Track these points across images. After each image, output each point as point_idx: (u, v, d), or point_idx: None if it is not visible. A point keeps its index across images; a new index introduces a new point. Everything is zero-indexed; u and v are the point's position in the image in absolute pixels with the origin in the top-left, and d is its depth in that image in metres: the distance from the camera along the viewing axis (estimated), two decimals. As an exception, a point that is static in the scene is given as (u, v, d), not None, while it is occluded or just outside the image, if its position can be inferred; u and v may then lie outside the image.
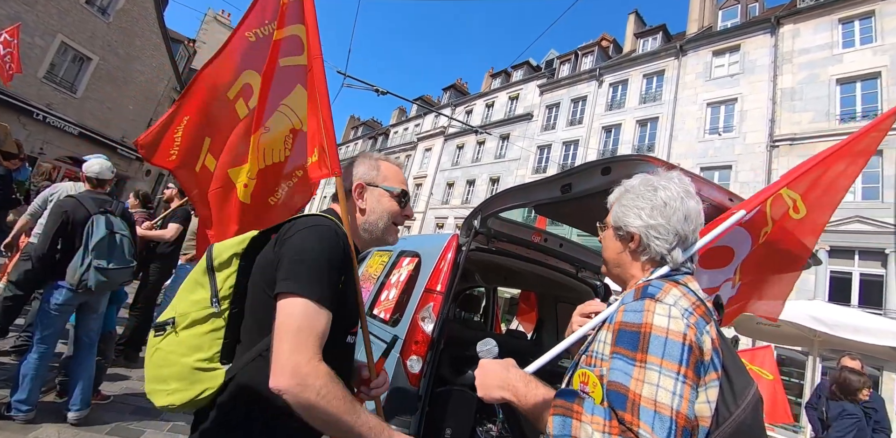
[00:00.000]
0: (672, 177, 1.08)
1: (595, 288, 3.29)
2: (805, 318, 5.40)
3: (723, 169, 14.85)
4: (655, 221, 1.01)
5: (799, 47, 14.35)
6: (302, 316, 0.90)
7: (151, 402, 1.02)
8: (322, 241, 1.00)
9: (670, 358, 0.79)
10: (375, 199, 1.23)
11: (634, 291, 0.94)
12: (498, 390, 0.92)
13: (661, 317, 0.83)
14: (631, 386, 0.79)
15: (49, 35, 13.28)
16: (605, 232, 1.14)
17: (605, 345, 0.92)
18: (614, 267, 1.11)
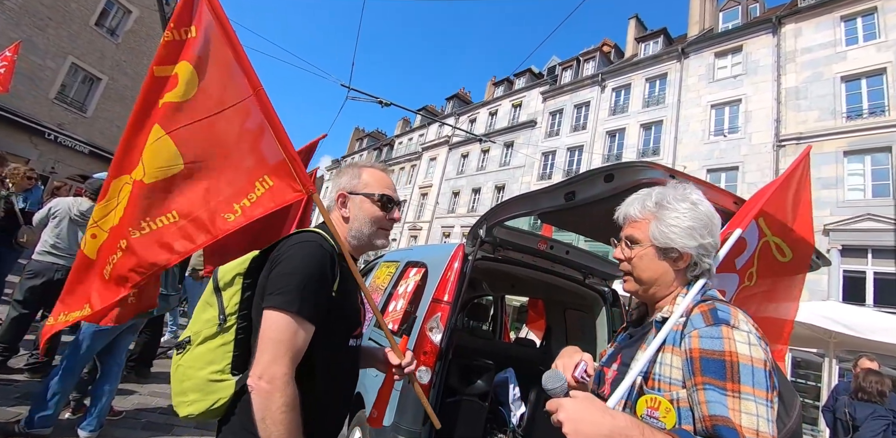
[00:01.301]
0: (695, 188, 1.08)
1: (603, 295, 3.27)
2: (819, 319, 5.31)
3: (729, 170, 14.74)
4: (706, 240, 1.01)
5: (802, 46, 14.31)
6: (282, 329, 0.99)
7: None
8: (305, 258, 1.08)
9: (760, 386, 0.81)
10: (357, 206, 1.28)
11: (702, 315, 0.93)
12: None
13: (742, 345, 0.85)
14: (732, 418, 0.79)
15: (60, 57, 13.61)
16: (643, 252, 1.07)
17: (674, 369, 0.92)
18: (652, 285, 1.08)
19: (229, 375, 1.10)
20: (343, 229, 1.28)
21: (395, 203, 1.31)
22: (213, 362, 1.10)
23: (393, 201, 1.30)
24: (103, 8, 14.71)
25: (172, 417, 3.55)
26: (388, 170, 1.38)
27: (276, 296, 1.02)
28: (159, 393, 4.02)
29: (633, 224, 1.11)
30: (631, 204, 1.14)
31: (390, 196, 1.30)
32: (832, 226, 11.49)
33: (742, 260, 2.01)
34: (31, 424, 2.64)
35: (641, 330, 1.15)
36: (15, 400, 3.14)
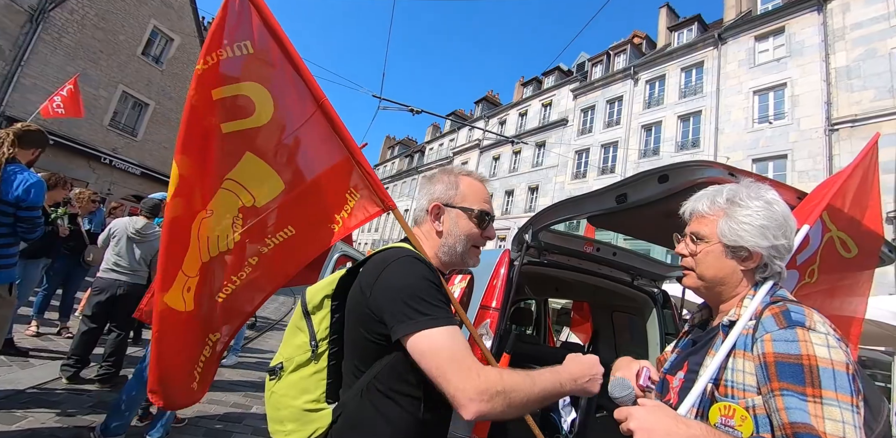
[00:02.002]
0: (770, 188, 1.04)
1: (653, 296, 3.14)
2: (886, 315, 4.93)
3: (777, 158, 13.96)
4: (779, 242, 0.98)
5: (851, 22, 13.40)
6: (445, 346, 0.90)
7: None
8: (414, 272, 1.00)
9: (843, 391, 0.77)
10: (453, 221, 1.17)
11: (774, 317, 0.89)
12: None
13: (821, 348, 0.81)
14: (814, 424, 0.75)
15: (111, 86, 14.61)
16: (710, 248, 1.04)
17: (747, 375, 0.88)
18: (717, 285, 1.04)
19: (325, 404, 1.07)
20: (433, 243, 1.19)
21: (491, 218, 1.22)
22: (307, 390, 1.08)
23: (490, 217, 1.21)
24: (148, 38, 15.68)
25: (230, 424, 3.69)
26: (485, 181, 1.28)
27: (412, 322, 0.92)
28: (216, 401, 4.19)
29: (701, 219, 1.08)
30: (699, 199, 1.10)
31: (488, 212, 1.20)
32: (894, 214, 10.64)
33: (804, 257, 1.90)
34: (106, 431, 2.80)
35: (706, 334, 1.10)
36: (88, 409, 3.35)
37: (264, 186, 1.45)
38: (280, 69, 1.39)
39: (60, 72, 12.59)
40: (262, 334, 8.39)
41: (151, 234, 4.19)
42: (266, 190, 1.46)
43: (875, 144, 2.03)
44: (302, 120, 1.40)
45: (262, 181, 1.45)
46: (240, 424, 3.75)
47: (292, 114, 1.41)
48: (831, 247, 1.92)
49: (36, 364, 4.05)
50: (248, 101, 1.39)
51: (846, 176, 1.87)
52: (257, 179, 1.44)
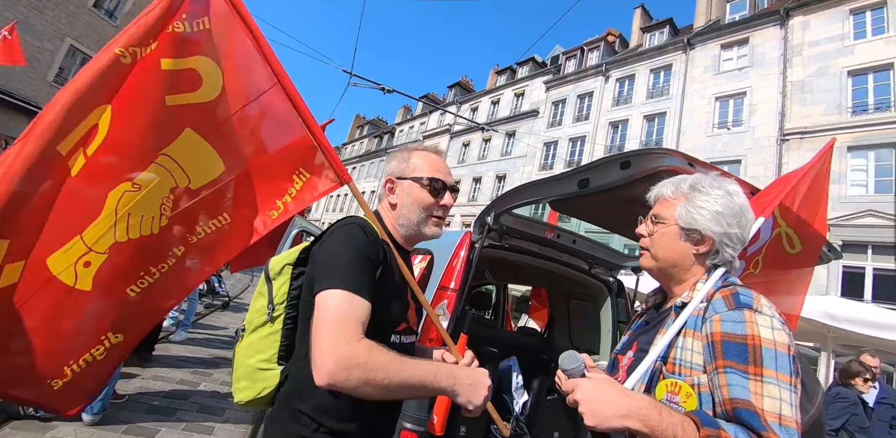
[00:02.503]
0: (735, 182, 1.08)
1: (608, 285, 3.25)
2: (818, 314, 5.32)
3: (732, 163, 14.67)
4: (733, 230, 1.01)
5: (809, 39, 14.13)
6: (337, 307, 0.91)
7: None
8: (347, 239, 1.03)
9: (784, 371, 0.81)
10: (405, 192, 1.19)
11: (724, 299, 0.92)
12: (621, 420, 0.79)
13: (766, 329, 0.84)
14: (754, 401, 0.79)
15: (57, 39, 13.40)
16: (666, 229, 1.07)
17: (694, 354, 0.91)
18: (669, 266, 1.07)
19: (275, 365, 1.12)
20: (391, 217, 1.21)
21: (447, 187, 1.20)
22: (261, 351, 1.13)
23: (445, 185, 1.20)
24: (101, -12, 14.45)
25: (175, 401, 3.58)
26: (441, 153, 1.28)
27: (324, 279, 0.96)
28: (161, 377, 4.04)
29: (663, 202, 1.12)
30: (665, 185, 1.14)
31: (441, 179, 1.19)
32: (833, 222, 11.48)
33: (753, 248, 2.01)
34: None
35: (659, 316, 1.14)
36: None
37: (202, 167, 1.36)
38: (238, 45, 1.33)
39: (-2, 18, 11.42)
40: (214, 311, 8.13)
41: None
42: (203, 171, 1.36)
43: (830, 149, 2.15)
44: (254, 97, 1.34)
45: (200, 161, 1.35)
46: (185, 401, 3.64)
47: (243, 93, 1.35)
48: (778, 242, 2.04)
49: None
50: (196, 76, 1.32)
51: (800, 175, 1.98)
52: (195, 158, 1.35)
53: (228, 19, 1.33)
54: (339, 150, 47.48)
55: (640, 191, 1.23)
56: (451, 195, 1.22)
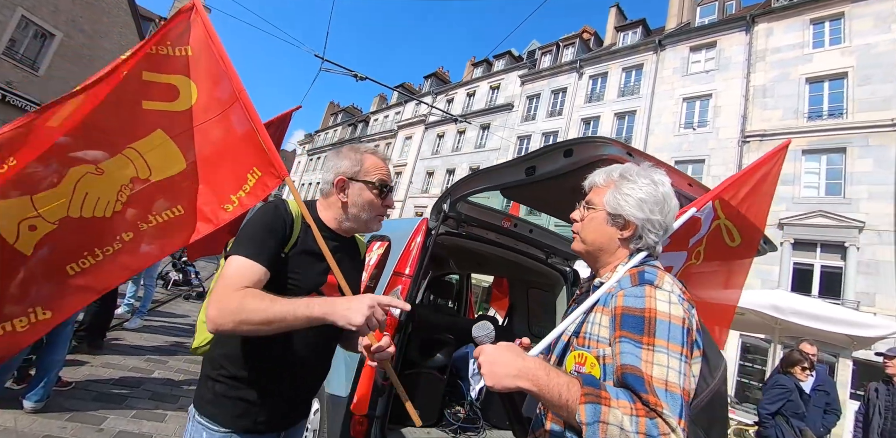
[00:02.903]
0: (663, 173, 1.14)
1: (564, 274, 3.35)
2: (767, 307, 5.63)
3: (696, 162, 15.21)
4: (655, 216, 1.06)
5: (772, 46, 14.69)
6: (232, 269, 1.09)
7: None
8: (259, 216, 1.20)
9: (675, 341, 0.86)
10: (357, 193, 1.31)
11: (630, 277, 0.99)
12: (513, 379, 0.86)
13: (662, 303, 0.90)
14: (643, 368, 0.84)
15: (8, 9, 12.55)
16: (595, 214, 1.14)
17: (602, 328, 0.98)
18: (596, 249, 1.14)
19: None
20: (336, 212, 1.34)
21: (390, 189, 1.36)
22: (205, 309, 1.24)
23: (389, 188, 1.36)
24: (56, -43, 13.58)
25: (126, 388, 3.48)
26: (388, 160, 1.43)
27: (233, 247, 1.14)
28: (112, 365, 3.92)
29: (596, 189, 1.18)
30: (598, 173, 1.20)
31: (387, 183, 1.35)
32: (786, 221, 12.10)
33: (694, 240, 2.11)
34: None
35: (584, 297, 1.20)
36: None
37: (166, 163, 1.59)
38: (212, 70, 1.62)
39: (-62, -18, 10.59)
40: (175, 298, 7.90)
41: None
42: (167, 166, 1.60)
43: (783, 149, 2.25)
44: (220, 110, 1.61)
45: (165, 157, 1.59)
46: (137, 388, 3.54)
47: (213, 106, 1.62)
48: (718, 234, 2.14)
49: None
50: (174, 90, 1.62)
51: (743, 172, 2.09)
52: (160, 155, 1.59)
53: (205, 45, 1.63)
54: (312, 138, 46.50)
55: (581, 179, 1.28)
56: (391, 195, 1.39)
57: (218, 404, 1.16)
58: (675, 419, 0.79)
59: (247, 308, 1.00)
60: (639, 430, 0.77)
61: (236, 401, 1.15)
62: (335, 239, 1.33)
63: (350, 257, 1.40)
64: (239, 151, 1.58)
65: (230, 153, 1.60)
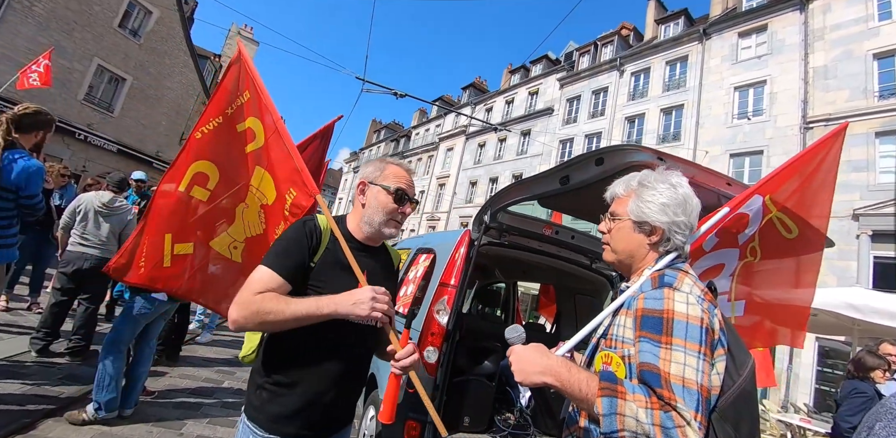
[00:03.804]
0: (680, 174, 1.17)
1: (610, 279, 3.30)
2: (841, 306, 5.18)
3: (754, 154, 14.30)
4: (679, 218, 1.10)
5: (831, 23, 13.65)
6: (255, 276, 1.21)
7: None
8: (287, 231, 1.33)
9: (693, 340, 0.90)
10: (373, 196, 1.38)
11: (651, 280, 1.04)
12: (539, 376, 0.95)
13: (680, 304, 0.94)
14: (661, 366, 0.88)
15: (86, 59, 14.10)
16: (621, 224, 1.18)
17: (626, 329, 1.02)
18: (627, 257, 1.18)
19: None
20: (358, 215, 1.41)
21: (409, 199, 1.40)
22: None
23: (407, 196, 1.40)
24: (126, 10, 15.11)
25: (201, 397, 3.79)
26: (411, 171, 1.50)
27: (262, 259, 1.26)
28: (188, 376, 4.27)
29: (618, 200, 1.22)
30: (617, 184, 1.24)
31: (406, 191, 1.40)
32: (861, 211, 11.05)
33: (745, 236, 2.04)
34: (100, 410, 2.86)
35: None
36: (58, 381, 3.40)
37: (269, 190, 1.94)
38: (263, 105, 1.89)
39: (31, 42, 12.11)
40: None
41: (120, 208, 4.17)
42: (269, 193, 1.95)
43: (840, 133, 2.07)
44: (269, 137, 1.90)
45: (268, 186, 1.93)
46: (210, 398, 3.84)
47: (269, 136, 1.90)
48: (771, 228, 2.05)
49: (5, 337, 4.06)
50: (252, 131, 1.96)
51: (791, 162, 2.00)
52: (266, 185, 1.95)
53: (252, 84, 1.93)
54: (357, 156, 48.09)
55: None
56: (410, 205, 1.42)
57: (263, 410, 1.24)
58: (690, 412, 0.82)
59: (263, 309, 1.12)
60: (653, 422, 0.82)
61: (280, 407, 1.23)
62: (364, 250, 1.39)
63: (381, 266, 1.46)
64: (280, 175, 1.81)
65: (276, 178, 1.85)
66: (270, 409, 1.23)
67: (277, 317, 1.13)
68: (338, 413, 1.35)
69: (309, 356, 1.27)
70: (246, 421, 1.26)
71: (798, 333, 2.38)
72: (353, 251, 1.31)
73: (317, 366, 1.27)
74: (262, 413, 1.24)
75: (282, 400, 1.24)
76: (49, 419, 2.82)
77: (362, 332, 1.31)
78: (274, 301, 1.15)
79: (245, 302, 1.15)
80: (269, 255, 1.26)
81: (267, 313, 1.13)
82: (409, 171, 1.47)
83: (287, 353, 1.27)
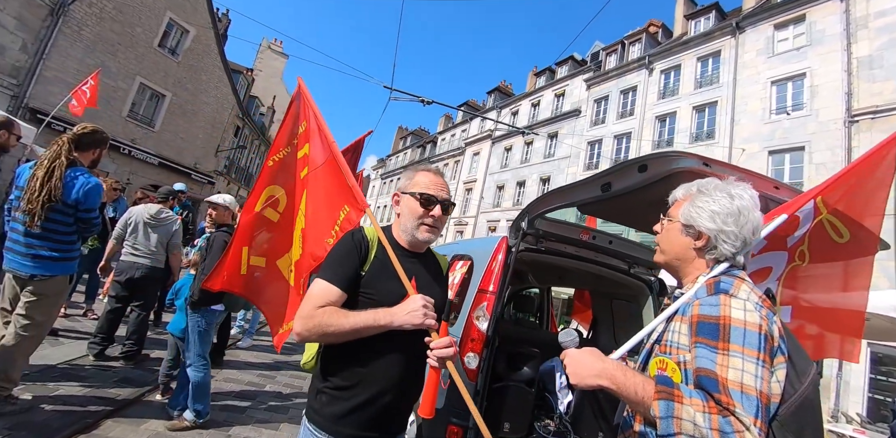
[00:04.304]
0: (747, 187, 1.16)
1: (649, 284, 3.24)
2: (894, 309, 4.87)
3: (794, 150, 13.68)
4: (728, 228, 1.10)
5: (875, 9, 12.96)
6: (315, 289, 1.30)
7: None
8: (338, 243, 1.42)
9: (750, 346, 0.90)
10: (405, 204, 1.47)
11: (706, 287, 1.04)
12: (594, 378, 0.98)
13: (737, 311, 0.94)
14: (718, 371, 0.88)
15: (129, 78, 14.89)
16: (671, 225, 1.20)
17: (681, 335, 1.03)
18: (674, 258, 1.20)
19: None
20: (399, 225, 1.49)
21: (436, 201, 1.43)
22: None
23: (434, 199, 1.43)
24: (164, 30, 15.89)
25: (245, 400, 3.92)
26: (439, 173, 1.53)
27: (318, 272, 1.35)
28: (232, 379, 4.42)
29: (676, 203, 1.24)
30: (680, 188, 1.26)
31: (433, 194, 1.43)
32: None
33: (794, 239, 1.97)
34: (201, 415, 3.06)
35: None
36: (114, 383, 3.59)
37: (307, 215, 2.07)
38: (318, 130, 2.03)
39: (80, 64, 12.88)
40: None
41: (166, 219, 4.39)
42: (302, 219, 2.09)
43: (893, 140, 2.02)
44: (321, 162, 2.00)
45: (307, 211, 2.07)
46: (254, 401, 3.97)
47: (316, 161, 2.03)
48: (821, 230, 1.97)
49: (65, 342, 4.31)
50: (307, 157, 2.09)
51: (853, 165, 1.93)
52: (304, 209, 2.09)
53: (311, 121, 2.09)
54: (384, 162, 48.72)
55: (659, 192, 1.32)
56: (440, 208, 1.45)
57: (323, 413, 1.30)
58: (749, 418, 0.82)
59: (324, 323, 1.20)
60: (712, 426, 0.82)
61: (338, 410, 1.29)
62: (412, 256, 1.46)
63: (429, 272, 1.49)
64: (334, 194, 1.91)
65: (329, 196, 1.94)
66: (329, 411, 1.30)
67: (338, 330, 1.20)
68: (393, 416, 1.39)
69: (363, 361, 1.33)
70: (307, 424, 1.33)
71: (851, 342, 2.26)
72: (400, 258, 1.36)
73: (371, 371, 1.32)
74: (321, 416, 1.30)
75: (339, 403, 1.30)
76: (108, 419, 2.98)
77: (413, 339, 1.34)
78: (335, 315, 1.22)
79: (307, 316, 1.23)
80: (325, 268, 1.33)
81: (328, 326, 1.20)
82: (437, 175, 1.50)
83: (343, 360, 1.33)
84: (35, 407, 2.85)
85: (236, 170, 24.59)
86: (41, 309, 2.66)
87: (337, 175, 1.89)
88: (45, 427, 2.67)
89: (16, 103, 11.51)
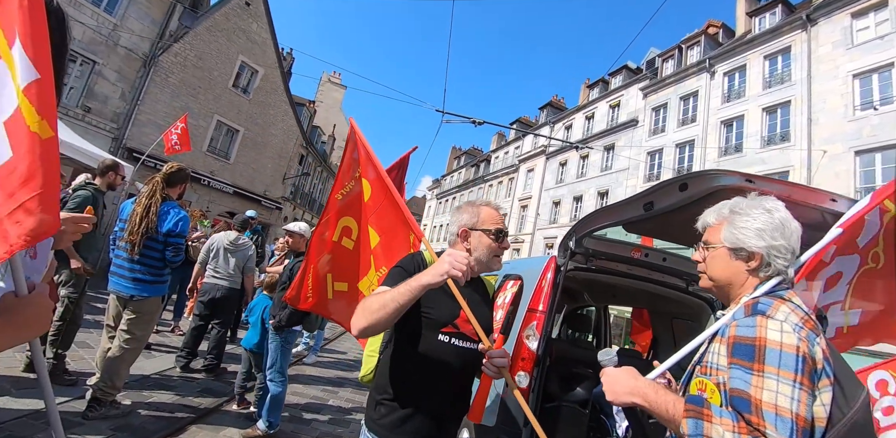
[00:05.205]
0: (773, 199, 1.17)
1: (710, 302, 3.08)
2: None
3: (887, 148, 12.31)
4: (777, 242, 1.10)
5: (974, -10, 11.64)
6: (372, 294, 1.40)
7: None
8: (400, 262, 1.57)
9: (787, 368, 0.89)
10: (477, 240, 1.58)
11: (744, 308, 1.03)
12: (628, 396, 1.03)
13: (773, 332, 0.93)
14: (752, 393, 0.88)
15: (208, 116, 16.56)
16: (716, 252, 1.17)
17: (720, 357, 1.03)
18: (725, 284, 1.17)
19: (377, 353, 1.68)
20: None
21: (505, 234, 1.61)
22: (370, 344, 1.74)
23: (504, 233, 1.61)
24: (237, 71, 17.61)
25: (310, 413, 4.15)
26: (499, 208, 1.70)
27: None
28: (299, 393, 4.69)
29: (710, 229, 1.23)
30: (709, 214, 1.26)
31: (502, 229, 1.61)
32: None
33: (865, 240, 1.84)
34: (273, 426, 3.33)
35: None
36: (197, 393, 3.96)
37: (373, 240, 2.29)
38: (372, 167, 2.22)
39: (168, 106, 14.56)
40: (339, 337, 9.03)
41: (243, 245, 4.85)
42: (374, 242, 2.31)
43: None
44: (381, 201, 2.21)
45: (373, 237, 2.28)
46: (318, 413, 4.20)
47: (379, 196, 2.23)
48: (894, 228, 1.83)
49: (156, 355, 4.82)
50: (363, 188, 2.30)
51: None
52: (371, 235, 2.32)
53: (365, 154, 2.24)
54: (440, 183, 49.59)
55: (703, 210, 1.32)
56: (506, 239, 1.62)
57: (381, 422, 1.43)
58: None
59: (366, 303, 1.32)
60: None
61: (395, 420, 1.41)
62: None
63: (478, 294, 1.66)
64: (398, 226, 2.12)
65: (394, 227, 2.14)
66: (387, 421, 1.42)
67: (376, 304, 1.29)
68: (447, 426, 1.51)
69: (417, 375, 1.45)
70: (367, 433, 1.46)
71: None
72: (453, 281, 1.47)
73: (424, 383, 1.44)
74: (380, 425, 1.43)
75: (396, 413, 1.42)
76: (193, 425, 3.31)
77: (464, 354, 1.48)
78: (374, 296, 1.35)
79: (357, 308, 1.36)
80: (387, 278, 1.48)
81: (369, 304, 1.31)
82: (498, 209, 1.66)
83: (398, 373, 1.46)
84: (133, 412, 3.23)
85: (301, 195, 26.16)
86: (140, 326, 3.10)
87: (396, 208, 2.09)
88: (143, 430, 3.02)
89: (116, 145, 13.16)
